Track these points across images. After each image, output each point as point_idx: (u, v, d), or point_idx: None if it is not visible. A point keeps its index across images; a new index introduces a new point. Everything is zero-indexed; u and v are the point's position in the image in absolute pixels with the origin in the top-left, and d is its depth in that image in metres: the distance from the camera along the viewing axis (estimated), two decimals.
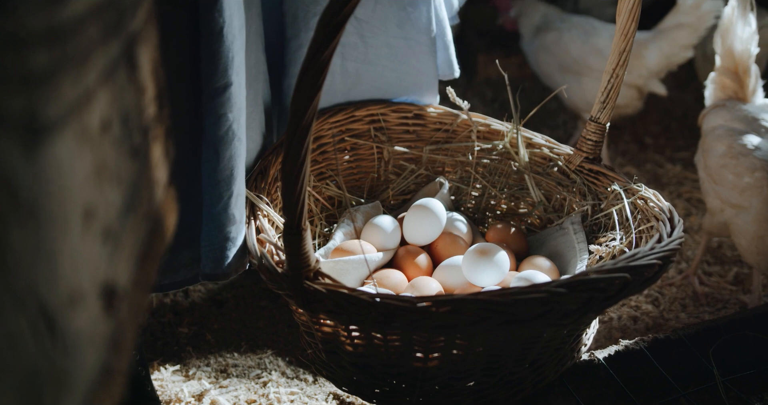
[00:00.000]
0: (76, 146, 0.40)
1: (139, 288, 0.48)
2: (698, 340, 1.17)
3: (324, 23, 0.75)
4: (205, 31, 0.95)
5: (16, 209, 0.33)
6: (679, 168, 1.98)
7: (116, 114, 0.47)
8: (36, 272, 0.34)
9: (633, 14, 1.11)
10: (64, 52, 0.39)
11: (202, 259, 1.04)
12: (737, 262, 1.64)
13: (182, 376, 1.32)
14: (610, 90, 1.19)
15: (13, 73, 0.34)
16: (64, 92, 0.38)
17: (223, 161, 1.00)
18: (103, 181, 0.43)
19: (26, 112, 0.35)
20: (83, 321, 0.38)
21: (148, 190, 0.54)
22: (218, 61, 0.96)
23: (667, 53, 1.79)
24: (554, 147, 1.28)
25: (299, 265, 0.90)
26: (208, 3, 0.94)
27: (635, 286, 0.90)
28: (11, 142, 0.33)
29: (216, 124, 0.98)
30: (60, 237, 0.36)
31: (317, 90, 0.78)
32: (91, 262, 0.40)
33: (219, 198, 1.01)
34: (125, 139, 0.49)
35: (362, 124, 1.32)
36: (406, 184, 1.36)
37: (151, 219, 0.54)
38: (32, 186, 0.34)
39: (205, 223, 1.02)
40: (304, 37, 1.19)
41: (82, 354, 0.37)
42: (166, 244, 0.57)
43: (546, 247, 1.24)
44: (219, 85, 0.97)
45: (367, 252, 1.15)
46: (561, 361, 1.05)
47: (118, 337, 0.42)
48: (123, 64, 0.50)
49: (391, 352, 0.95)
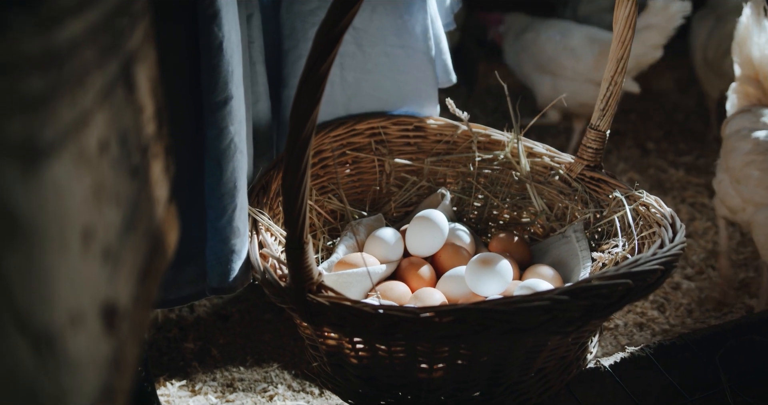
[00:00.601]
0: (73, 168, 0.40)
1: (140, 306, 0.48)
2: (705, 345, 1.16)
3: (322, 35, 0.76)
4: (205, 46, 0.96)
5: (15, 232, 0.34)
6: (682, 172, 1.98)
7: (114, 134, 0.47)
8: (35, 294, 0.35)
9: (629, 22, 1.11)
10: (60, 75, 0.39)
11: (208, 273, 1.04)
12: (743, 266, 1.63)
13: (189, 391, 1.32)
14: (609, 97, 1.19)
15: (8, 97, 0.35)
16: (61, 115, 0.39)
17: (226, 174, 1.00)
18: (101, 201, 0.43)
19: (23, 135, 0.35)
20: (84, 341, 0.38)
21: (148, 209, 0.54)
22: (218, 75, 0.97)
23: (636, 53, 1.82)
24: (555, 156, 1.29)
25: (302, 278, 0.90)
26: (207, 18, 0.95)
27: (638, 292, 0.90)
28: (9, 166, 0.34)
29: (218, 137, 0.99)
30: (59, 259, 0.37)
31: (316, 102, 0.78)
32: (91, 283, 0.40)
33: (223, 211, 1.01)
34: (124, 159, 0.49)
35: (363, 137, 1.33)
36: (408, 196, 1.36)
37: (152, 237, 0.54)
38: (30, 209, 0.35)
39: (210, 236, 1.03)
40: (303, 47, 1.20)
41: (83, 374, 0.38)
42: (168, 261, 0.57)
43: (549, 256, 1.24)
44: (220, 98, 0.98)
45: (370, 264, 1.15)
46: (567, 369, 1.05)
47: (119, 356, 0.42)
48: (120, 84, 0.50)
49: (395, 363, 0.95)
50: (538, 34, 1.99)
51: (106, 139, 0.45)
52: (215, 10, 0.95)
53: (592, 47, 1.90)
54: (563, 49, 1.91)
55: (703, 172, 1.99)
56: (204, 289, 1.09)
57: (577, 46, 1.90)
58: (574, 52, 1.89)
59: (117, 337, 0.42)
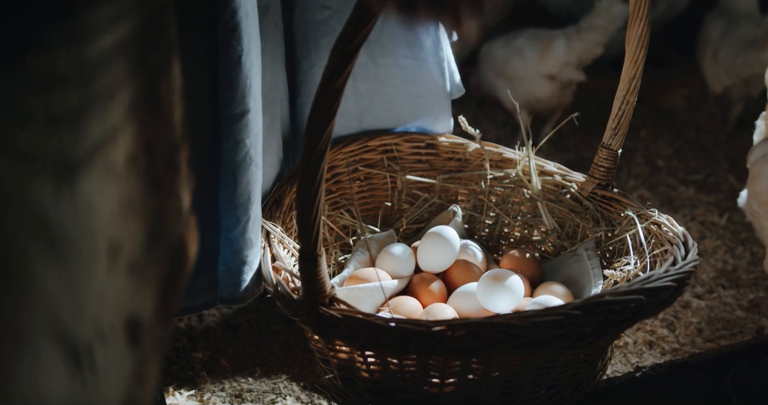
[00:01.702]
0: (103, 182, 0.41)
1: (162, 320, 0.48)
2: (716, 365, 1.16)
3: (338, 51, 0.77)
4: (225, 59, 0.97)
5: (49, 247, 0.34)
6: (693, 191, 1.98)
7: (141, 147, 0.48)
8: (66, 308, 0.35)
9: (642, 41, 1.12)
10: (92, 90, 0.40)
11: (219, 283, 1.05)
12: (753, 286, 1.63)
13: (197, 401, 1.32)
14: (621, 116, 1.20)
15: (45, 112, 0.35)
16: (93, 129, 0.39)
17: (240, 186, 1.01)
18: (128, 215, 0.44)
19: (57, 150, 0.36)
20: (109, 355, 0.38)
21: (171, 221, 0.55)
22: (237, 89, 0.98)
23: (578, 50, 2.00)
24: (566, 174, 1.29)
25: (315, 291, 0.90)
26: (226, 31, 0.96)
27: (650, 308, 0.90)
28: (44, 181, 0.35)
29: (234, 149, 1.00)
30: (88, 273, 0.37)
31: (332, 116, 0.79)
32: (117, 297, 0.41)
33: (237, 222, 1.03)
34: (149, 172, 0.50)
35: (376, 154, 1.33)
36: (419, 213, 1.36)
37: (174, 249, 0.55)
38: (63, 223, 0.35)
39: (223, 247, 1.04)
40: (314, 56, 1.21)
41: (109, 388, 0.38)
42: (188, 273, 0.58)
43: (560, 274, 1.24)
44: (237, 111, 0.99)
45: (382, 279, 1.15)
46: (578, 387, 1.05)
47: (141, 368, 0.43)
48: (147, 97, 0.51)
49: (407, 378, 0.95)
50: (491, 43, 2.16)
51: (134, 153, 0.45)
52: (235, 23, 0.96)
53: (534, 43, 2.05)
54: (511, 51, 2.07)
55: (713, 191, 1.98)
56: (215, 298, 1.09)
57: (522, 45, 2.06)
58: (521, 51, 2.06)
59: (140, 350, 0.43)
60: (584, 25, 1.99)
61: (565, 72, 2.04)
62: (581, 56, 2.02)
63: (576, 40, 2.00)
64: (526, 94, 2.06)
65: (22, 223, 0.33)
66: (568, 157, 2.14)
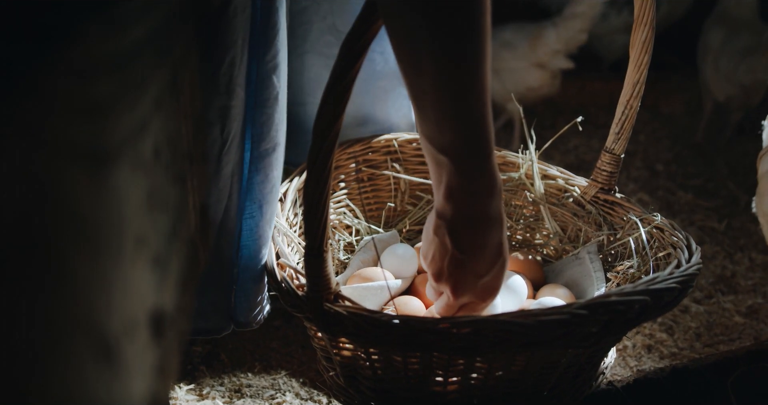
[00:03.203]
0: (131, 174, 0.41)
1: (182, 314, 0.48)
2: (716, 371, 1.16)
3: (347, 48, 0.77)
4: (262, 95, 0.98)
5: (81, 238, 0.34)
6: (691, 195, 1.98)
7: (165, 140, 0.48)
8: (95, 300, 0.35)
9: (646, 46, 1.12)
10: (124, 80, 0.40)
11: (236, 308, 1.08)
12: (751, 292, 1.63)
13: (196, 395, 1.32)
14: (624, 121, 1.20)
15: (80, 102, 0.35)
16: (124, 120, 0.39)
17: (265, 218, 1.04)
18: (153, 208, 0.44)
19: (91, 141, 0.36)
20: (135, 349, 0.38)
21: (190, 216, 0.55)
22: (272, 124, 0.99)
23: (564, 37, 2.11)
24: (569, 178, 1.29)
25: (320, 287, 0.91)
26: (267, 69, 0.97)
27: (655, 309, 0.90)
28: (78, 172, 0.34)
29: (263, 182, 1.02)
30: (116, 266, 0.37)
31: (340, 113, 0.80)
32: (142, 290, 0.41)
33: (258, 252, 1.05)
34: (172, 165, 0.50)
35: (379, 154, 1.34)
36: (422, 214, 1.37)
37: (191, 244, 0.55)
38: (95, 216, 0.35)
39: (241, 274, 1.06)
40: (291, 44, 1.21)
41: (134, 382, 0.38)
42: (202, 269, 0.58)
43: (562, 277, 1.24)
44: (270, 146, 1.01)
45: (387, 278, 1.15)
46: (579, 389, 1.05)
47: (164, 364, 0.43)
48: (170, 89, 0.51)
49: (410, 376, 0.96)
50: None
51: (159, 145, 0.45)
52: (276, 63, 0.97)
53: (522, 34, 2.15)
54: (499, 44, 2.15)
55: (712, 196, 1.99)
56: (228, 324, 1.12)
57: (509, 37, 2.15)
58: (510, 43, 2.14)
59: (163, 345, 0.43)
60: (567, 13, 2.11)
61: (555, 60, 2.14)
62: (569, 43, 2.13)
63: (563, 28, 2.11)
64: (517, 85, 2.15)
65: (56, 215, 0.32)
66: (568, 160, 2.15)
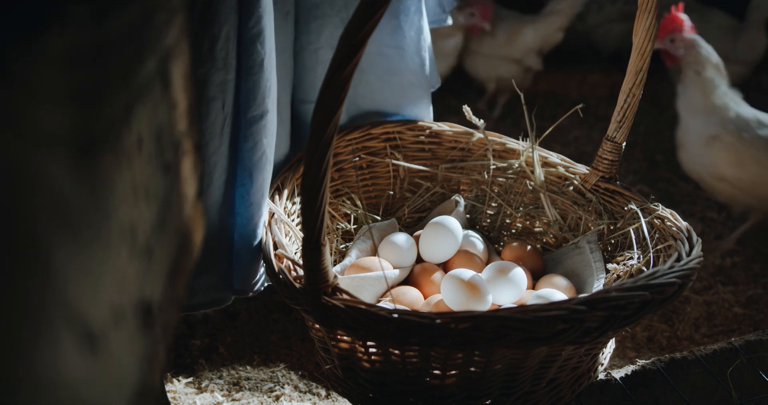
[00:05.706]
0: (115, 163, 0.40)
1: (171, 305, 0.48)
2: (716, 361, 1.16)
3: (346, 40, 0.76)
4: (248, 63, 0.99)
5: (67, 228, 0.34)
6: (692, 186, 1.97)
7: (151, 130, 0.47)
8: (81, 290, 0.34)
9: (650, 33, 1.10)
10: (108, 69, 0.39)
11: (233, 275, 1.09)
12: (750, 283, 1.63)
13: (195, 388, 1.32)
14: (626, 109, 1.19)
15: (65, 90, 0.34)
16: (109, 108, 0.39)
17: (256, 185, 1.05)
18: (138, 198, 0.43)
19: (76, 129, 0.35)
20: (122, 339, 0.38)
21: (179, 206, 0.54)
22: (258, 91, 1.00)
23: (542, 34, 2.17)
24: (570, 166, 1.28)
25: (318, 280, 0.90)
26: (251, 36, 0.97)
27: (655, 304, 0.89)
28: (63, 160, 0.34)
29: (252, 149, 1.03)
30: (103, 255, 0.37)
31: (339, 104, 0.78)
32: (129, 280, 0.40)
33: (250, 219, 1.06)
34: (158, 155, 0.49)
35: (378, 141, 1.33)
36: (421, 202, 1.36)
37: (181, 235, 0.54)
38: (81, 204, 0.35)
39: (237, 242, 1.07)
40: (304, 39, 1.21)
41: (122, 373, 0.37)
42: (195, 259, 0.57)
43: (562, 266, 1.23)
44: (257, 113, 1.01)
45: (384, 269, 1.14)
46: (578, 380, 1.05)
47: (152, 354, 0.42)
48: (158, 80, 0.50)
49: (408, 369, 0.95)
50: None
51: (144, 135, 0.45)
52: (260, 29, 0.98)
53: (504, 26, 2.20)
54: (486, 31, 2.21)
55: None
56: (226, 295, 1.12)
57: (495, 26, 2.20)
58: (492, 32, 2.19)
59: (151, 335, 0.42)
60: (548, 10, 2.16)
61: (526, 58, 2.20)
62: (544, 42, 2.18)
63: (541, 24, 2.16)
64: (489, 72, 2.24)
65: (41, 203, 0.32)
66: (569, 151, 2.13)
